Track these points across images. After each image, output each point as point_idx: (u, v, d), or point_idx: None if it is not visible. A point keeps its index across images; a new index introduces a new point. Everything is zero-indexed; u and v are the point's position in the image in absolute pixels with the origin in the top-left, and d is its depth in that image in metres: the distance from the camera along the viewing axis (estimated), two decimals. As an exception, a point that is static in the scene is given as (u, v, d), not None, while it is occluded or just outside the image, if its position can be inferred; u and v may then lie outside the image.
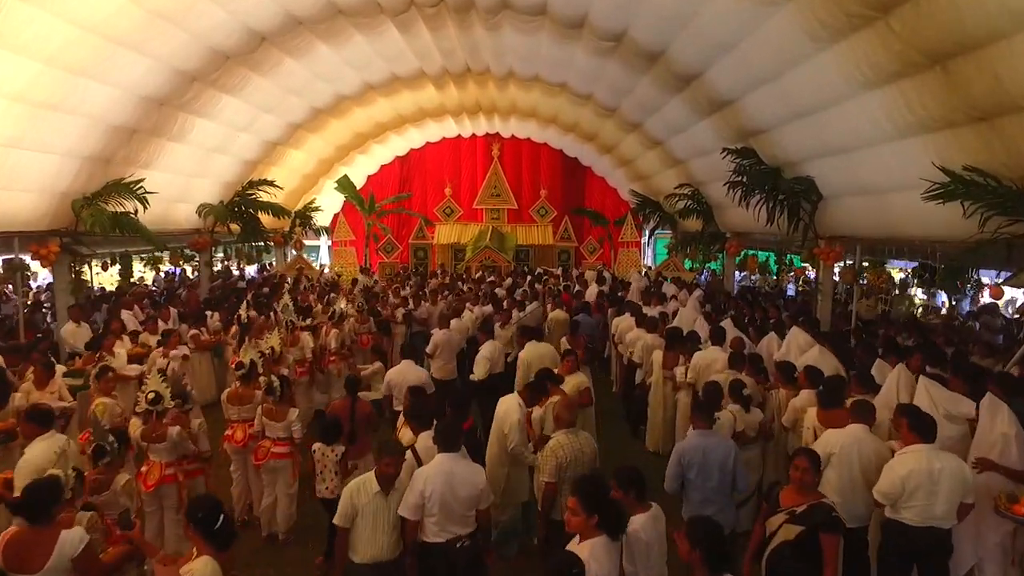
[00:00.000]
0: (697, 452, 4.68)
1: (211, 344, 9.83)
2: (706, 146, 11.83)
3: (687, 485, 4.74)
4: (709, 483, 4.64)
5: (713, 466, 4.64)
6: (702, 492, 4.65)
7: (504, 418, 5.55)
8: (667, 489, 4.84)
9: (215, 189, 13.71)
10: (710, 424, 4.88)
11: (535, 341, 7.90)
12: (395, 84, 14.47)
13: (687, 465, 4.69)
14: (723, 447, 4.75)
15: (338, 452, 5.30)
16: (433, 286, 14.03)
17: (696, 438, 4.78)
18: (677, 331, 8.48)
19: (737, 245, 14.04)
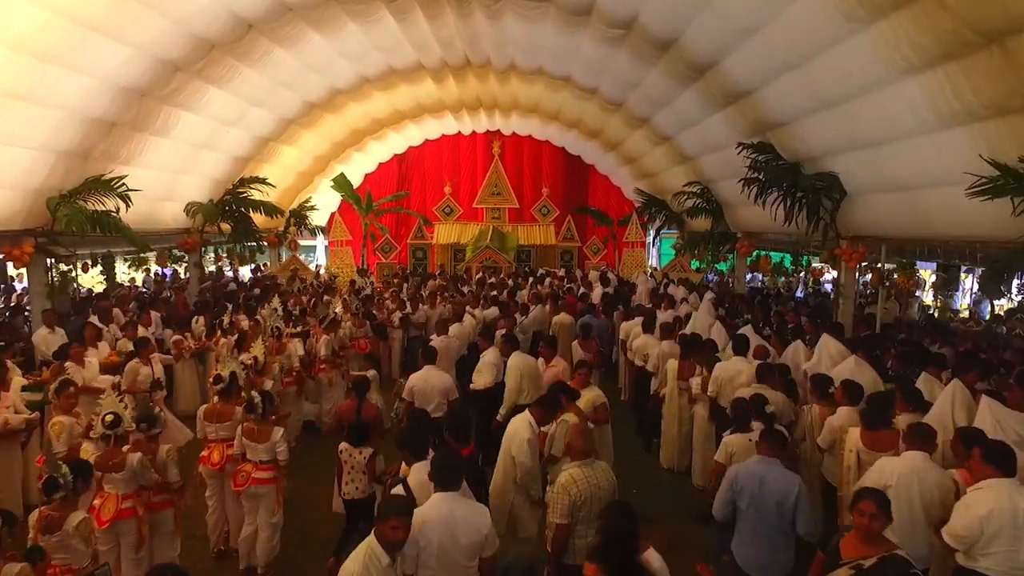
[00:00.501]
0: (753, 480, 4.05)
1: (195, 351, 9.18)
2: (718, 141, 11.19)
3: (738, 515, 4.12)
4: (763, 517, 4.02)
5: (770, 499, 4.01)
6: (753, 525, 4.03)
7: (512, 439, 4.91)
8: (715, 515, 4.24)
9: (204, 187, 13.05)
10: (776, 451, 4.22)
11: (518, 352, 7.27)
12: (392, 77, 13.81)
13: (739, 492, 4.08)
14: (784, 479, 4.11)
15: (366, 454, 5.19)
16: (432, 288, 13.38)
17: (755, 464, 4.18)
18: (694, 338, 7.84)
19: (749, 245, 13.40)
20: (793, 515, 4.01)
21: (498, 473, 5.00)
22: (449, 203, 19.70)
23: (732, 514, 4.17)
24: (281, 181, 16.00)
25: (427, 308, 11.65)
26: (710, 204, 13.84)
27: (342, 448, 5.28)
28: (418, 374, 6.89)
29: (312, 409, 8.73)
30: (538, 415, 5.05)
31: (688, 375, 7.41)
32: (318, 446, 8.43)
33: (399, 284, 14.02)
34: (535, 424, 4.94)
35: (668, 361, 7.64)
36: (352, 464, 5.23)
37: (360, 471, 5.20)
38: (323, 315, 9.33)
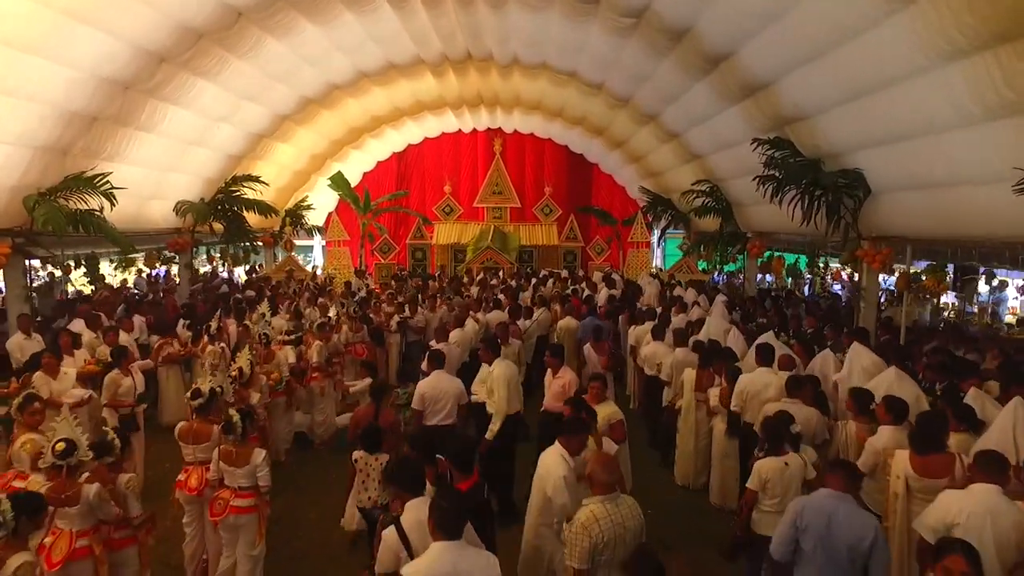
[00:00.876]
0: (820, 517, 3.50)
1: (180, 357, 8.61)
2: (731, 137, 10.63)
3: (800, 555, 3.56)
4: (831, 562, 3.47)
5: (840, 542, 3.45)
6: (818, 569, 3.47)
7: (546, 479, 4.27)
8: (775, 556, 3.67)
9: (195, 186, 12.49)
10: (849, 486, 3.69)
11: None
12: (390, 72, 13.26)
13: (803, 530, 3.52)
14: (859, 520, 3.53)
15: (382, 461, 4.91)
16: (433, 291, 12.82)
17: (824, 499, 3.62)
18: (713, 347, 7.29)
19: (760, 245, 12.85)
20: (867, 563, 3.45)
21: (531, 518, 4.37)
22: (449, 202, 19.15)
23: (792, 555, 3.60)
24: (276, 180, 15.45)
25: (426, 312, 11.09)
26: (719, 203, 13.29)
27: (357, 457, 4.97)
28: (427, 380, 6.45)
29: (304, 420, 8.18)
30: (571, 445, 4.37)
31: (707, 386, 6.87)
32: (310, 459, 7.89)
33: (397, 287, 13.41)
34: (569, 457, 4.32)
35: (685, 371, 7.08)
36: (368, 472, 4.94)
37: (376, 479, 4.91)
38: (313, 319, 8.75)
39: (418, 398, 6.34)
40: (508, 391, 6.23)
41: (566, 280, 15.10)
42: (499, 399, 6.22)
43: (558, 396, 6.47)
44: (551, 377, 6.77)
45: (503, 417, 6.17)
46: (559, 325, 10.40)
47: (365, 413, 5.96)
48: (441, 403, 6.29)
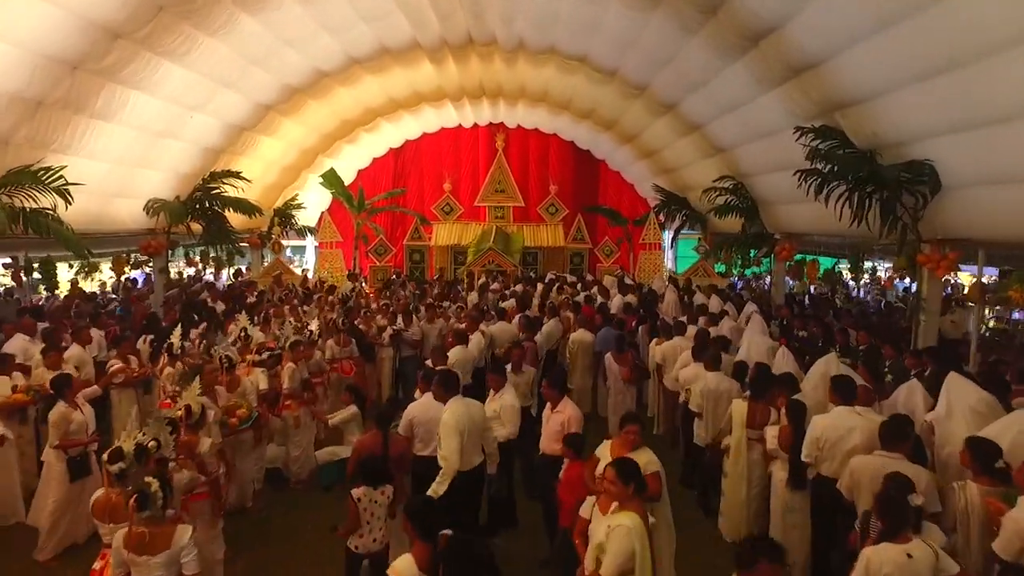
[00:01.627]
0: None
1: (135, 380, 7.32)
2: (765, 127, 9.36)
3: None
4: None
5: None
6: None
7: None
8: None
9: (168, 182, 11.20)
10: None
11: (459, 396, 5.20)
12: (384, 59, 11.98)
13: None
14: None
15: (388, 494, 4.38)
16: (432, 297, 11.51)
17: None
18: (762, 372, 6.03)
19: (789, 248, 11.58)
20: None
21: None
22: (449, 201, 17.87)
23: None
24: (262, 176, 14.18)
25: (424, 323, 9.81)
26: (744, 202, 12.03)
27: (359, 495, 4.27)
28: (418, 403, 5.45)
29: (278, 453, 6.90)
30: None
31: (761, 422, 5.60)
32: (283, 502, 6.62)
33: (391, 294, 12.07)
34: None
35: (735, 404, 5.79)
36: (372, 511, 4.31)
37: (381, 517, 4.35)
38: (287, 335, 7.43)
39: (405, 423, 5.32)
40: (458, 442, 4.82)
41: (574, 284, 13.82)
42: (449, 452, 4.83)
43: (556, 436, 5.24)
44: (549, 411, 5.51)
45: (452, 474, 4.81)
46: (571, 339, 9.14)
47: (371, 442, 5.04)
48: (435, 431, 5.11)
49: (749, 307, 10.09)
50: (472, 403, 5.20)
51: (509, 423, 5.64)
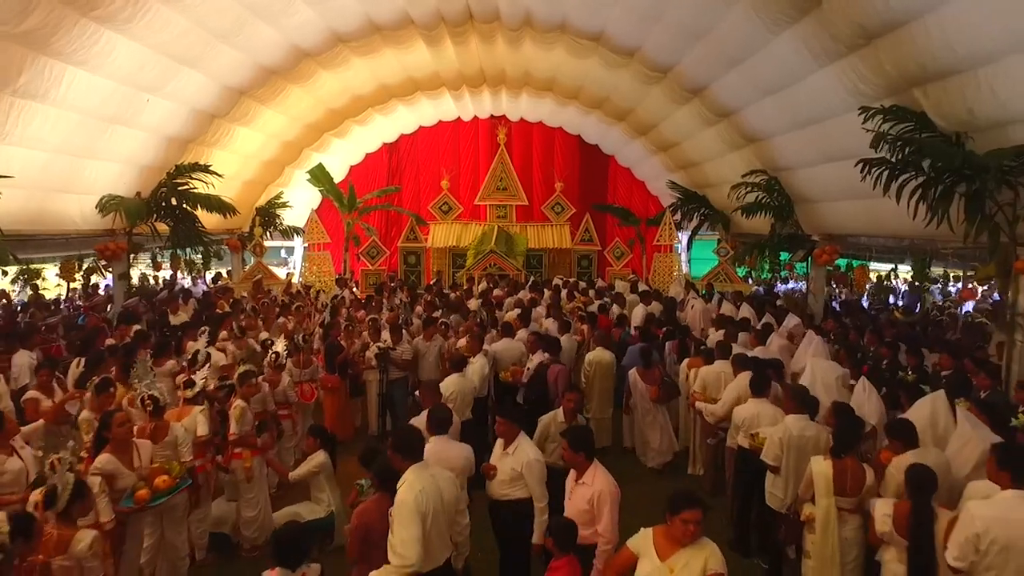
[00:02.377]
0: None
1: (56, 418, 5.82)
2: (815, 110, 7.88)
3: None
4: None
5: None
6: None
7: None
8: None
9: (127, 176, 9.72)
10: None
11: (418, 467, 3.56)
12: (373, 38, 10.50)
13: None
14: None
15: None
16: (425, 308, 9.99)
17: None
18: (848, 416, 4.56)
19: (831, 251, 10.11)
20: None
21: None
22: (447, 200, 16.39)
23: None
24: (241, 172, 12.71)
25: (420, 339, 8.29)
26: (777, 199, 10.57)
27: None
28: (429, 449, 4.01)
29: (226, 513, 5.43)
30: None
31: (853, 487, 4.15)
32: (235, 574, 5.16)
33: (376, 305, 10.50)
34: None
35: (814, 462, 4.31)
36: None
37: None
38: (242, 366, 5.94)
39: None
40: (423, 528, 3.30)
41: (585, 291, 12.33)
42: (402, 540, 3.25)
43: (584, 517, 3.77)
44: (573, 481, 4.01)
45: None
46: (588, 359, 7.65)
47: (374, 509, 3.65)
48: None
49: (790, 321, 8.62)
50: (441, 474, 3.66)
51: (536, 487, 4.16)
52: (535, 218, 16.98)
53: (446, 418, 4.47)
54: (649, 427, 7.37)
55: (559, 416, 5.03)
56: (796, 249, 11.16)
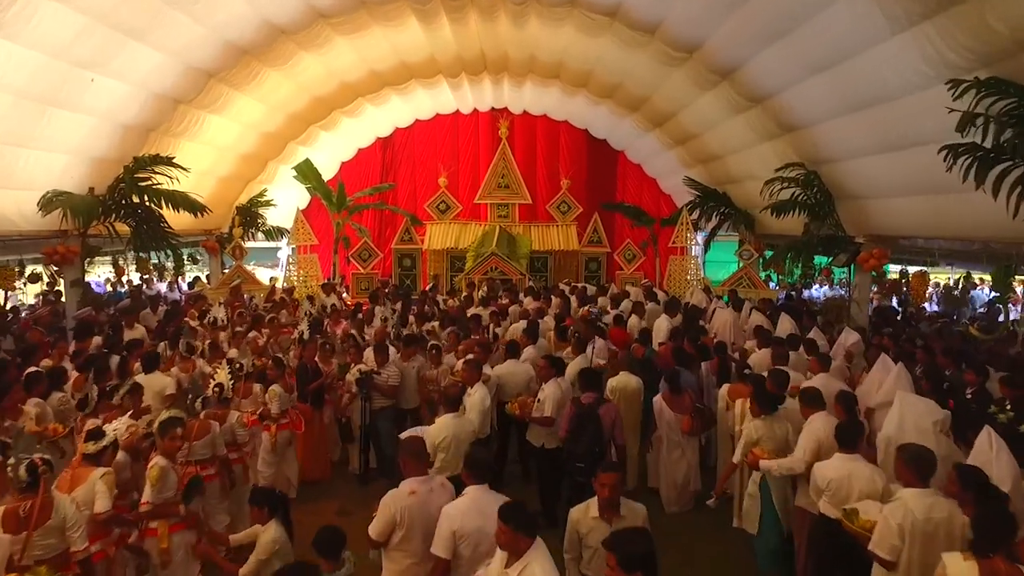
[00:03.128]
0: None
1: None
2: (879, 88, 6.51)
3: None
4: None
5: None
6: None
7: None
8: None
9: (77, 169, 8.39)
10: None
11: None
12: (358, 14, 9.15)
13: None
14: None
15: None
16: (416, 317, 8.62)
17: None
18: (995, 503, 3.24)
19: (879, 255, 8.79)
20: None
21: None
22: (445, 198, 15.05)
23: None
24: (216, 166, 11.38)
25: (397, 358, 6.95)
26: (815, 196, 9.24)
27: None
28: (459, 506, 3.47)
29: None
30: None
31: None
32: None
33: (365, 316, 9.10)
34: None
35: (949, 563, 2.97)
36: None
37: None
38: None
39: (385, 522, 3.50)
40: None
41: (593, 298, 10.97)
42: None
43: None
44: None
45: None
46: (611, 385, 6.29)
47: None
48: (487, 543, 3.18)
49: (849, 336, 7.27)
50: None
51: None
52: (539, 218, 15.67)
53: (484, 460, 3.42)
54: (676, 464, 6.09)
55: (592, 509, 3.58)
56: (834, 252, 9.82)
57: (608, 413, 4.90)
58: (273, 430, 5.98)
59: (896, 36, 5.79)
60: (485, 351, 6.54)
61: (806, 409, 4.63)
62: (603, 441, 4.87)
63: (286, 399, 6.13)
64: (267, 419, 5.96)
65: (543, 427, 5.67)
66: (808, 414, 4.59)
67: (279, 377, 6.20)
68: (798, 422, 4.75)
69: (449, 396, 4.88)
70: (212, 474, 4.97)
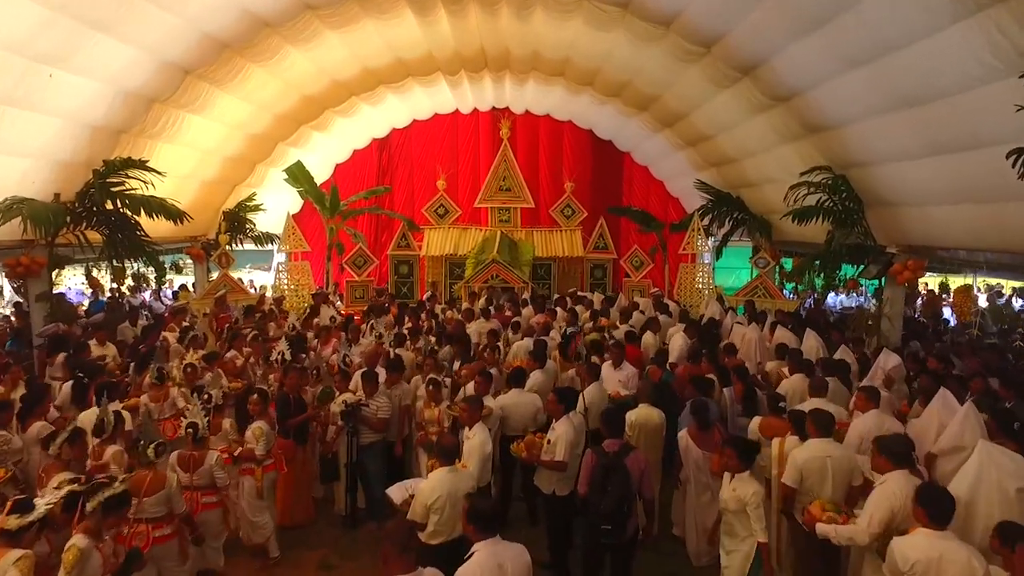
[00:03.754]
0: None
1: None
2: (931, 85, 5.76)
3: None
4: None
5: None
6: None
7: None
8: None
9: (41, 174, 7.62)
10: None
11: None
12: (348, 5, 8.39)
13: None
14: None
15: None
16: (408, 353, 7.76)
17: None
18: None
19: (914, 267, 8.04)
20: None
21: None
22: (443, 202, 14.29)
23: None
24: (200, 169, 10.61)
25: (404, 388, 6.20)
26: (846, 202, 8.49)
27: None
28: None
29: None
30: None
31: None
32: None
33: (353, 336, 8.23)
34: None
35: None
36: None
37: None
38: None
39: None
40: None
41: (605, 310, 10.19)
42: None
43: None
44: None
45: None
46: (630, 420, 5.50)
47: None
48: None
49: (888, 358, 6.50)
50: None
51: None
52: (542, 222, 14.92)
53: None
54: (705, 509, 5.32)
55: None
56: (860, 261, 9.07)
57: (636, 463, 4.14)
58: (258, 474, 5.24)
59: (959, 23, 5.03)
60: (486, 380, 5.76)
61: (882, 461, 3.83)
62: (631, 497, 4.12)
63: (271, 436, 5.38)
64: (251, 462, 5.20)
65: (554, 471, 4.92)
66: (885, 468, 3.80)
67: (263, 413, 5.41)
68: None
69: (444, 447, 4.12)
70: (167, 534, 4.23)
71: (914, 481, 3.60)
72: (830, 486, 4.35)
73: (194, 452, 4.74)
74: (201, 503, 4.76)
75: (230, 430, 5.44)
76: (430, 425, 5.66)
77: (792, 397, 6.09)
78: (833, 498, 4.25)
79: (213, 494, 4.83)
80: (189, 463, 4.69)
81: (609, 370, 6.54)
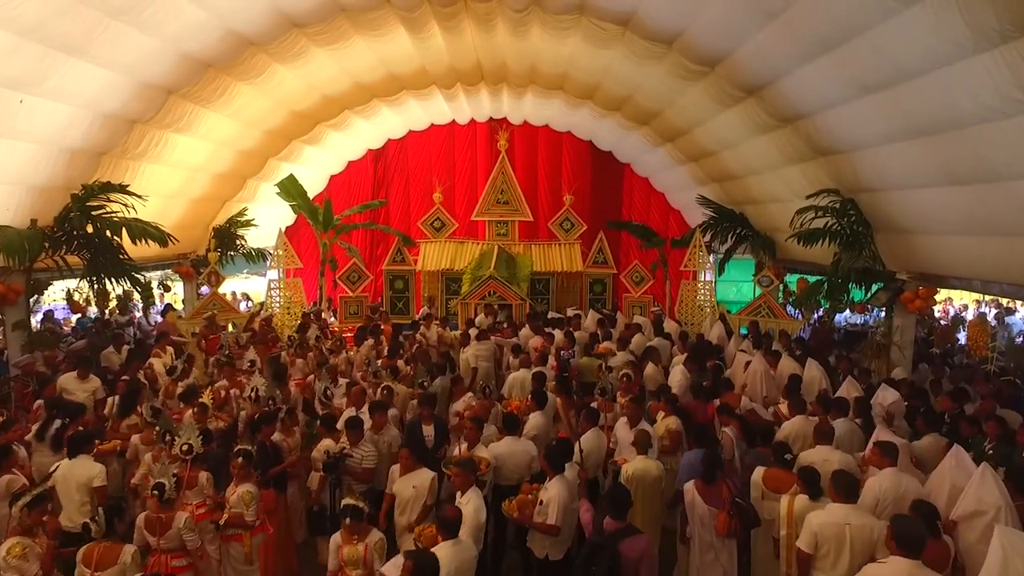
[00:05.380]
0: None
1: None
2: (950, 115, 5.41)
3: None
4: None
5: None
6: None
7: None
8: None
9: (15, 198, 7.27)
10: None
11: None
12: (337, 21, 8.01)
13: None
14: None
15: None
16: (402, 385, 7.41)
17: None
18: None
19: (926, 295, 7.70)
20: None
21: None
22: (439, 215, 13.92)
23: None
24: (188, 187, 10.27)
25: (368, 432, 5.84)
26: (854, 226, 8.15)
27: None
28: None
29: None
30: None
31: None
32: None
33: (331, 371, 7.75)
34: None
35: None
36: None
37: None
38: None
39: None
40: None
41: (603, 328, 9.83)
42: None
43: None
44: None
45: None
46: (626, 473, 5.13)
47: None
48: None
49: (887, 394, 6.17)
50: None
51: None
52: (540, 236, 14.58)
53: None
54: (708, 568, 4.97)
55: None
56: (868, 286, 8.73)
57: (633, 549, 3.76)
58: (247, 539, 4.88)
59: (980, 54, 4.68)
60: (477, 427, 5.42)
61: (892, 545, 3.51)
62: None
63: (258, 497, 4.98)
64: (240, 528, 4.83)
65: (547, 535, 4.58)
66: (893, 552, 3.47)
67: (248, 476, 5.01)
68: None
69: (445, 520, 3.78)
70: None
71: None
72: (847, 556, 4.03)
73: (161, 515, 4.41)
74: (171, 566, 4.45)
75: (207, 484, 5.09)
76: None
77: (795, 442, 5.76)
78: (852, 570, 3.93)
79: (183, 556, 4.50)
80: (156, 526, 4.38)
81: (624, 430, 5.82)
